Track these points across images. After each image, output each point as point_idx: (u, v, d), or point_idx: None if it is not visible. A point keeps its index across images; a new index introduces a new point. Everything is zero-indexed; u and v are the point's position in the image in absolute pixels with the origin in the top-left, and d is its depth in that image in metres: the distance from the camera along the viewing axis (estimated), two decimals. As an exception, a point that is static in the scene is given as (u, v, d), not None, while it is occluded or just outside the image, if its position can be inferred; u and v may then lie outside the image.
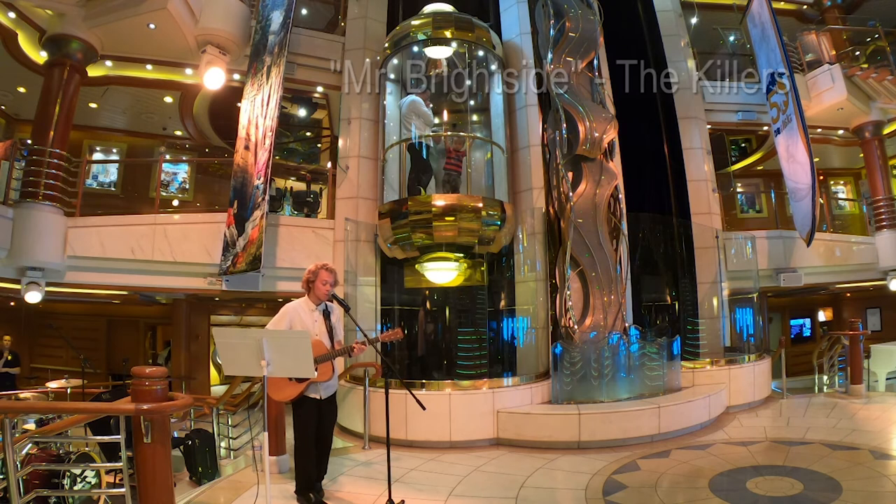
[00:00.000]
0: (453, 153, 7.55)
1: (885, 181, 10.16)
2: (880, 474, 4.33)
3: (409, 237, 6.95)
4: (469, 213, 6.88)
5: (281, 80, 7.25)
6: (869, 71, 9.61)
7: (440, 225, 6.82)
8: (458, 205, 6.91)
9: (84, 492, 3.86)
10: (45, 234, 6.77)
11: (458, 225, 6.85)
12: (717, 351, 8.14)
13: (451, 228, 6.86)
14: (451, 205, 6.90)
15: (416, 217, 6.86)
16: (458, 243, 7.10)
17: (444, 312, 8.12)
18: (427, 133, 7.54)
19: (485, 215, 6.97)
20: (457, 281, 7.73)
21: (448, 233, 6.88)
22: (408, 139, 7.41)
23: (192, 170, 11.55)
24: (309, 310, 4.24)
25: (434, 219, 6.81)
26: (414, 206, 6.93)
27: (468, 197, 7.08)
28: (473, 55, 7.90)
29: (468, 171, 7.47)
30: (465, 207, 6.90)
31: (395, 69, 8.15)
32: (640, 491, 4.32)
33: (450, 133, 8.03)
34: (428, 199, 6.97)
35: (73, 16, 7.24)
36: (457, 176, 7.49)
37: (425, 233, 6.86)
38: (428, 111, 7.58)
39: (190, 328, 11.35)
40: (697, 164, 9.04)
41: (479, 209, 6.96)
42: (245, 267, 6.82)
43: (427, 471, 5.07)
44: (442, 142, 7.71)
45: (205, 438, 5.75)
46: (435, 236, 6.88)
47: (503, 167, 7.67)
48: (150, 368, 3.04)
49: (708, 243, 8.66)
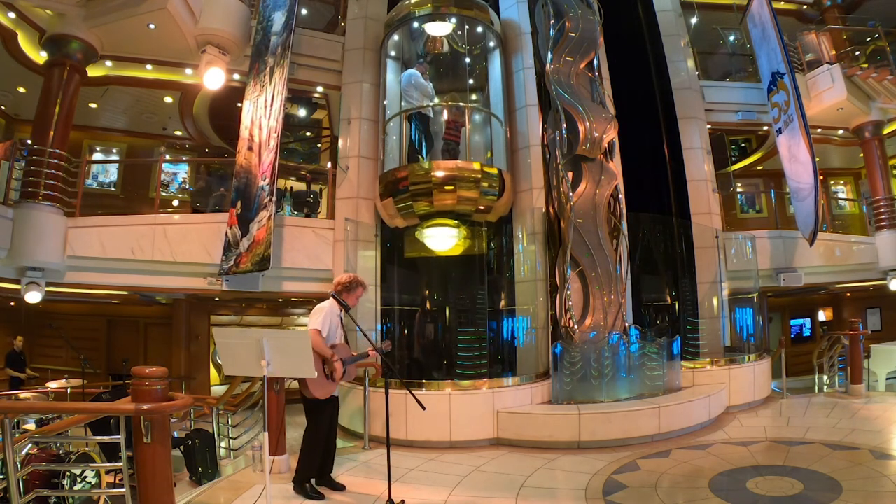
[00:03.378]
0: (452, 124, 7.75)
1: (885, 181, 10.16)
2: (880, 474, 4.33)
3: (410, 204, 7.08)
4: (467, 179, 7.03)
5: (285, 82, 7.25)
6: (869, 71, 9.61)
7: (439, 191, 6.98)
8: (457, 169, 7.07)
9: (84, 492, 3.86)
10: (45, 234, 6.77)
11: (457, 194, 6.97)
12: (717, 351, 8.14)
13: (451, 195, 6.98)
14: (450, 171, 7.06)
15: (416, 184, 7.03)
16: (458, 211, 7.23)
17: (444, 312, 8.12)
18: (426, 104, 7.75)
19: (483, 183, 7.12)
20: (457, 249, 7.92)
21: (447, 200, 7.00)
22: (408, 110, 7.63)
23: (192, 170, 11.55)
24: (336, 314, 4.43)
25: (434, 186, 6.97)
26: (414, 171, 7.09)
27: (466, 163, 7.27)
28: (472, 32, 8.12)
29: (467, 142, 7.70)
30: (464, 171, 7.08)
31: (395, 46, 8.27)
32: (640, 491, 4.31)
33: (449, 103, 8.23)
34: (427, 165, 7.12)
35: (73, 16, 7.24)
36: (455, 145, 7.66)
37: (425, 199, 7.00)
38: (427, 83, 7.76)
39: (190, 328, 11.36)
40: (697, 164, 9.04)
41: (478, 174, 7.12)
42: (251, 267, 6.82)
43: (427, 471, 5.07)
44: (441, 113, 7.93)
45: (205, 438, 5.76)
46: (435, 202, 7.00)
47: (502, 140, 7.81)
48: (150, 368, 3.04)
49: (708, 243, 8.66)
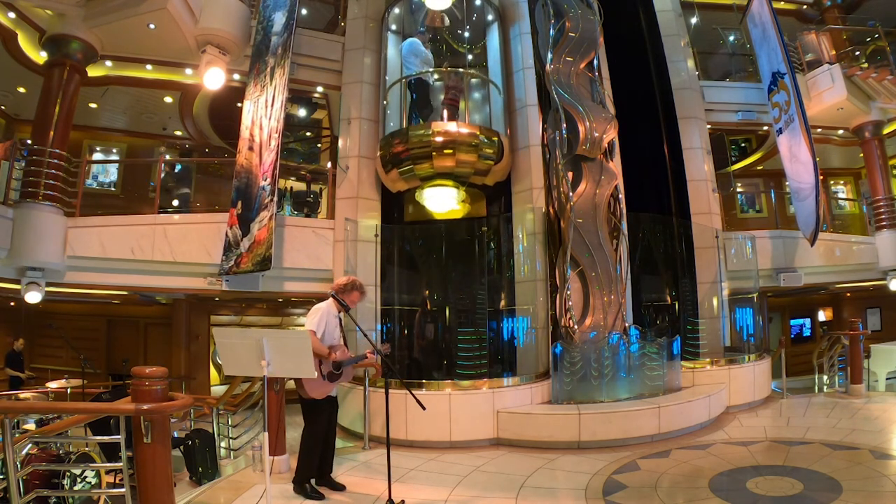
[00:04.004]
0: (451, 90, 7.96)
1: (885, 181, 10.16)
2: (880, 474, 4.33)
3: (411, 166, 7.29)
4: (467, 140, 7.28)
5: (286, 82, 7.26)
6: (869, 71, 9.61)
7: (438, 152, 7.20)
8: (456, 130, 7.31)
9: (84, 492, 3.86)
10: (45, 234, 6.77)
11: (456, 157, 7.19)
12: (717, 351, 8.14)
13: (450, 158, 7.21)
14: (450, 131, 7.28)
15: (416, 145, 7.25)
16: (457, 172, 7.39)
17: (444, 312, 8.13)
18: (426, 70, 7.95)
19: (482, 144, 7.37)
20: (457, 213, 8.13)
21: (447, 162, 7.22)
22: (408, 76, 7.88)
23: (193, 170, 11.54)
24: (334, 314, 4.44)
25: (433, 148, 7.17)
26: (414, 132, 7.35)
27: (465, 124, 7.50)
28: (471, 5, 8.39)
29: (466, 107, 8.00)
30: (463, 131, 7.33)
31: (396, 20, 8.43)
32: (640, 491, 4.31)
33: (448, 69, 8.45)
34: (427, 127, 7.37)
35: (73, 16, 7.24)
36: (455, 110, 7.91)
37: (426, 160, 7.22)
38: (426, 51, 7.96)
39: (190, 328, 11.36)
40: (697, 164, 9.04)
41: (476, 135, 7.36)
42: (252, 267, 6.82)
43: (427, 471, 5.07)
44: (441, 79, 8.19)
45: (205, 438, 5.76)
46: (435, 163, 7.20)
47: (500, 107, 8.05)
48: (150, 368, 3.04)
49: (708, 243, 8.66)
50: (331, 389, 4.38)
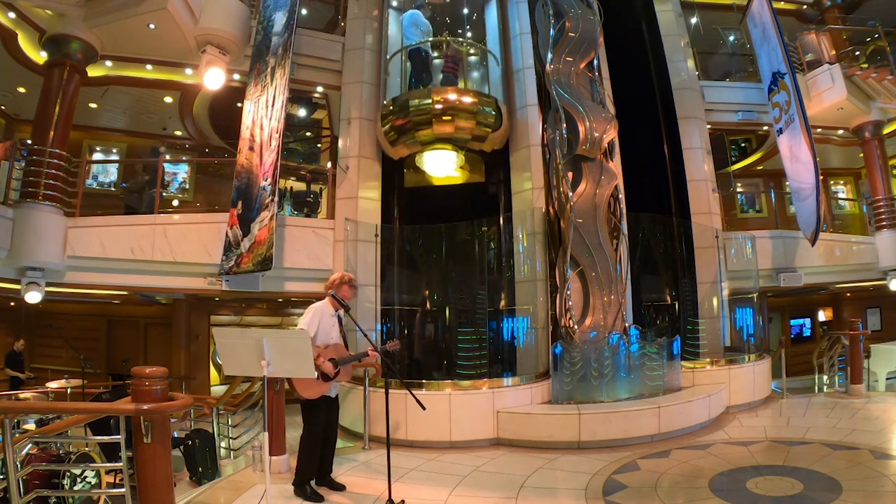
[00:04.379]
0: (450, 59, 8.11)
1: (885, 181, 10.16)
2: (880, 474, 4.33)
3: (412, 130, 7.43)
4: (466, 105, 7.44)
5: (286, 82, 7.26)
6: (869, 71, 9.61)
7: (438, 118, 7.35)
8: (456, 93, 7.50)
9: (84, 492, 3.86)
10: (45, 234, 6.77)
11: (455, 123, 7.36)
12: (717, 351, 8.14)
13: (449, 125, 7.38)
14: (449, 97, 7.44)
15: (417, 110, 7.40)
16: (456, 137, 7.55)
17: (444, 312, 8.13)
18: (426, 40, 8.16)
19: (481, 108, 7.53)
20: (456, 179, 8.35)
21: (446, 128, 7.38)
22: (408, 46, 8.12)
23: (193, 170, 11.55)
24: (329, 314, 4.44)
25: (433, 113, 7.33)
26: (414, 97, 7.52)
27: (464, 90, 7.73)
28: None
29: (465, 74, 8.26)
30: (462, 96, 7.51)
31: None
32: (640, 491, 4.31)
33: (447, 38, 8.57)
34: (427, 92, 7.56)
35: (73, 16, 7.23)
36: (454, 77, 8.07)
37: (426, 126, 7.38)
38: (426, 22, 8.14)
39: (190, 328, 11.35)
40: (697, 164, 9.04)
41: (475, 99, 7.53)
42: (252, 267, 6.82)
43: (427, 471, 5.07)
44: (440, 48, 8.41)
45: (205, 438, 5.76)
46: (434, 128, 7.36)
47: (498, 76, 8.24)
48: (150, 368, 3.04)
49: (708, 243, 8.66)
50: (326, 389, 4.32)
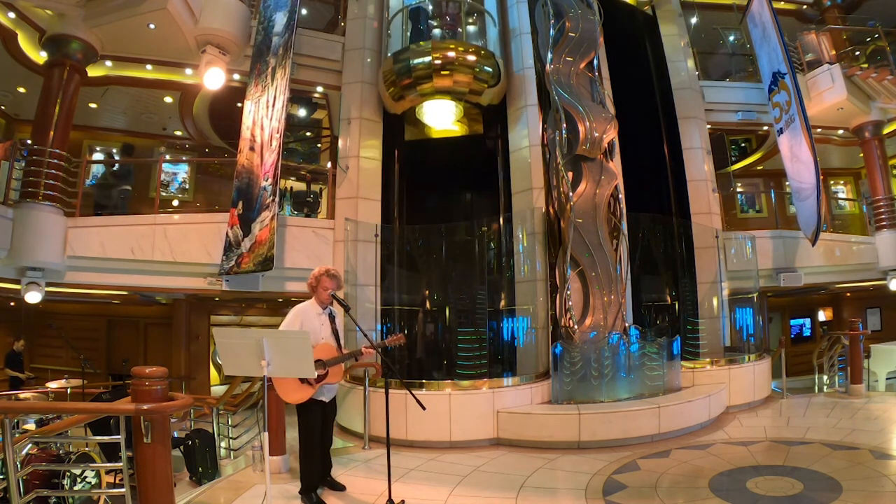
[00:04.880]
0: (448, 16, 8.30)
1: (885, 181, 10.16)
2: (880, 474, 4.33)
3: (413, 83, 7.66)
4: (465, 60, 7.72)
5: (287, 82, 7.25)
6: (869, 71, 9.61)
7: (437, 73, 7.61)
8: (455, 47, 7.77)
9: (84, 492, 3.86)
10: (45, 234, 6.77)
11: (453, 77, 7.62)
12: (717, 351, 8.14)
13: (448, 78, 7.64)
14: (448, 50, 7.72)
15: (417, 63, 7.64)
16: (455, 90, 7.80)
17: (444, 312, 8.13)
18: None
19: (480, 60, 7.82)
20: (455, 132, 8.63)
21: (445, 82, 7.65)
22: (410, 5, 8.45)
23: (193, 170, 11.55)
24: (316, 312, 4.28)
25: (433, 68, 7.58)
26: (415, 51, 7.75)
27: (462, 43, 7.98)
28: None
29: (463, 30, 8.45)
30: (461, 49, 7.77)
31: None
32: (640, 491, 4.31)
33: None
34: (427, 45, 7.76)
35: (73, 16, 7.23)
36: (453, 34, 8.32)
37: (426, 80, 7.63)
38: None
39: (190, 328, 11.35)
40: (697, 164, 9.05)
41: (473, 53, 7.80)
42: (253, 267, 6.82)
43: (427, 471, 5.07)
44: (440, 7, 8.58)
45: (205, 438, 5.76)
46: (435, 81, 7.60)
47: (495, 36, 8.49)
48: (150, 368, 3.03)
49: (708, 243, 8.66)
50: (312, 393, 4.07)
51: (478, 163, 8.49)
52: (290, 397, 4.05)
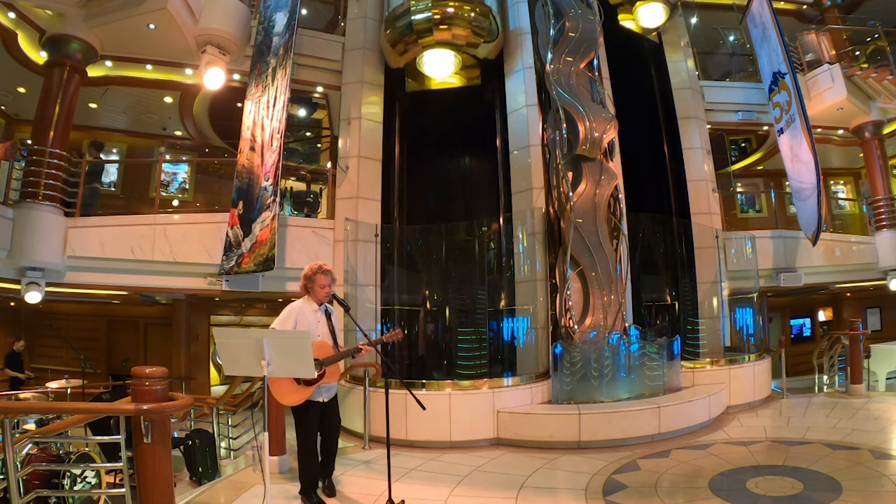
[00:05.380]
0: None
1: (885, 181, 10.16)
2: (880, 474, 4.33)
3: (414, 35, 7.89)
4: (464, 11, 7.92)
5: (288, 83, 7.25)
6: (869, 71, 9.61)
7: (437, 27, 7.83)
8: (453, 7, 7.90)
9: (84, 492, 3.86)
10: (45, 234, 6.77)
11: (452, 31, 7.85)
12: (717, 351, 8.14)
13: (446, 33, 7.86)
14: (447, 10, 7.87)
15: (418, 14, 7.83)
16: (455, 42, 8.04)
17: (444, 312, 8.13)
18: None
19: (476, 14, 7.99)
20: (454, 84, 8.86)
21: (444, 35, 7.87)
22: None
23: (192, 170, 11.55)
24: (311, 310, 4.21)
25: (433, 22, 7.79)
26: (416, 5, 7.87)
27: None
28: None
29: None
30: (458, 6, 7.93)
31: None
32: (640, 491, 4.32)
33: None
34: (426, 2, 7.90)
35: (73, 16, 7.23)
36: None
37: (427, 33, 7.85)
38: None
39: (190, 328, 11.36)
40: (697, 164, 9.05)
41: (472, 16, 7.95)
42: (254, 267, 6.81)
43: (427, 471, 5.07)
44: None
45: (205, 438, 5.76)
46: (435, 33, 7.84)
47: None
48: (150, 369, 3.03)
49: (708, 243, 8.66)
50: (308, 394, 4.00)
51: (476, 119, 8.62)
52: (287, 400, 4.00)
